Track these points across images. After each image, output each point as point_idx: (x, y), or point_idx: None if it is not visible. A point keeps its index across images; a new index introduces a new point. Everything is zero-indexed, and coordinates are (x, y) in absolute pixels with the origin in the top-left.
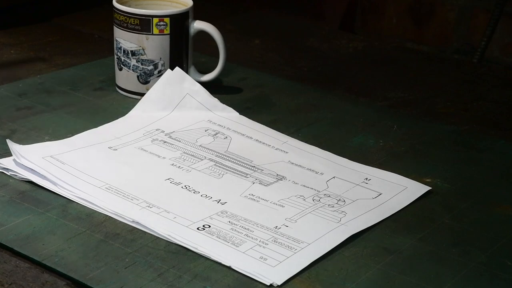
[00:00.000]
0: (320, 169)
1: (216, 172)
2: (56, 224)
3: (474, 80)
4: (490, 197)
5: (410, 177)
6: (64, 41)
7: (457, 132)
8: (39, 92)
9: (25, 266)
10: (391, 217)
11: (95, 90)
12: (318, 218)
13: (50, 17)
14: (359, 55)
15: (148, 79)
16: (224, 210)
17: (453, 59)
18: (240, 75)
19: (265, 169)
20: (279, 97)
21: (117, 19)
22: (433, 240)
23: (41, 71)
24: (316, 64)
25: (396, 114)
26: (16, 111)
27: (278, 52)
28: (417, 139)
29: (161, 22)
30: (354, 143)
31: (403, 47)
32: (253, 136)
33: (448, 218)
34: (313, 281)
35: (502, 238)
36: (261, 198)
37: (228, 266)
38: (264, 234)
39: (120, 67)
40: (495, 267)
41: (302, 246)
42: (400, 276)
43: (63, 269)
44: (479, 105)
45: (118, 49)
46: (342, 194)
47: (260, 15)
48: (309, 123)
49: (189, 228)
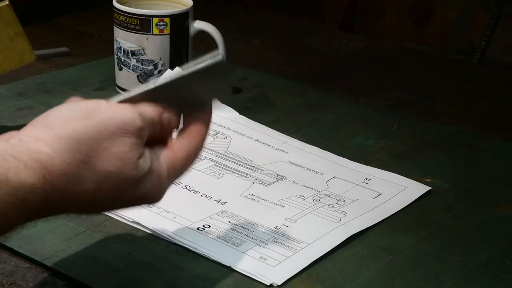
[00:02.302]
0: (320, 169)
1: (216, 172)
2: (56, 224)
3: (474, 80)
4: (490, 197)
5: (410, 177)
6: (64, 41)
7: (457, 132)
8: (39, 92)
9: (25, 266)
10: (391, 217)
11: (95, 90)
12: (318, 218)
13: (50, 17)
14: (359, 55)
15: (148, 79)
16: (224, 210)
17: (453, 59)
18: (240, 75)
19: (265, 169)
20: (279, 97)
21: (117, 19)
22: (433, 240)
23: (41, 71)
24: (316, 64)
25: (396, 114)
26: (16, 111)
27: (278, 52)
28: (417, 139)
29: (161, 22)
30: (354, 143)
31: (403, 47)
32: (253, 136)
33: (448, 218)
34: (313, 281)
35: (502, 238)
36: (261, 198)
37: (228, 266)
38: (264, 234)
39: (120, 67)
40: (495, 267)
41: (302, 246)
42: (400, 276)
43: (63, 269)
44: (479, 105)
45: (118, 49)
46: (342, 194)
47: (260, 15)
48: (309, 123)
49: (189, 228)
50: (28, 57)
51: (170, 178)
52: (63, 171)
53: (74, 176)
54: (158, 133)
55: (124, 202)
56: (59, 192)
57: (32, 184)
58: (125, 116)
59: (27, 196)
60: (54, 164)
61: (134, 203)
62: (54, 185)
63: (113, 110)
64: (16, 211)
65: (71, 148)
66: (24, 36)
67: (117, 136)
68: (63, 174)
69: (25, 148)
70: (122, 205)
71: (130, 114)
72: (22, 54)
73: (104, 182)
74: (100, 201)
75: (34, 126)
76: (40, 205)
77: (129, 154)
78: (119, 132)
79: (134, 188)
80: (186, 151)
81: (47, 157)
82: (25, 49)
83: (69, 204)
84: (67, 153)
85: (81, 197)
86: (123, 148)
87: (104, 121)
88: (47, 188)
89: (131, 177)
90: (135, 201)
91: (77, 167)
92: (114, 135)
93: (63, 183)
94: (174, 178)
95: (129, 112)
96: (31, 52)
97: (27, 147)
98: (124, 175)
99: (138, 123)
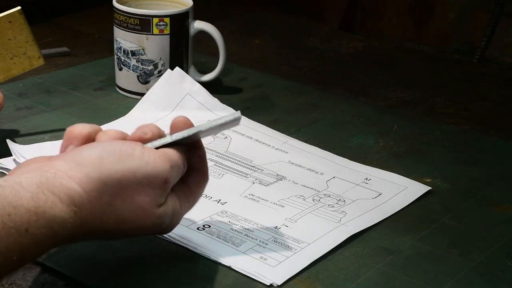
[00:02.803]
0: (320, 169)
1: (216, 172)
2: None
3: (474, 80)
4: (490, 197)
5: (410, 177)
6: (64, 41)
7: (457, 132)
8: (39, 92)
9: (25, 266)
10: (391, 217)
11: (95, 90)
12: (318, 218)
13: (50, 17)
14: (359, 55)
15: (148, 79)
16: (224, 210)
17: (453, 59)
18: (240, 75)
19: (265, 169)
20: (279, 97)
21: (117, 19)
22: (433, 240)
23: (41, 71)
24: (316, 64)
25: (396, 114)
26: (16, 111)
27: (278, 52)
28: (417, 139)
29: (161, 22)
30: (354, 143)
31: (403, 47)
32: (253, 136)
33: (448, 218)
34: (313, 281)
35: (502, 238)
36: (261, 198)
37: (228, 266)
38: (264, 234)
39: (120, 67)
40: (495, 267)
41: (302, 246)
42: (400, 276)
43: (63, 269)
44: (479, 105)
45: (118, 49)
46: (342, 194)
47: (260, 15)
48: (309, 123)
49: (189, 228)
50: (37, 62)
51: (184, 211)
52: (90, 210)
53: (100, 215)
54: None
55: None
56: (86, 226)
57: (64, 219)
58: (155, 169)
59: (59, 229)
60: (84, 203)
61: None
62: (82, 220)
63: (145, 160)
64: (48, 241)
65: (99, 189)
66: (35, 41)
67: (142, 186)
68: (90, 212)
69: (59, 183)
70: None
71: (161, 167)
72: (32, 59)
73: (123, 224)
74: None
75: (65, 162)
76: (69, 236)
77: (150, 205)
78: (145, 182)
79: (152, 231)
80: (200, 187)
81: (78, 195)
82: (35, 54)
83: (92, 236)
84: (96, 193)
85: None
86: (146, 198)
87: (135, 169)
88: (76, 223)
89: (150, 224)
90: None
91: (102, 208)
92: (139, 184)
93: (90, 219)
94: (187, 211)
95: (160, 165)
96: (40, 57)
97: (61, 183)
98: (143, 222)
99: (167, 176)
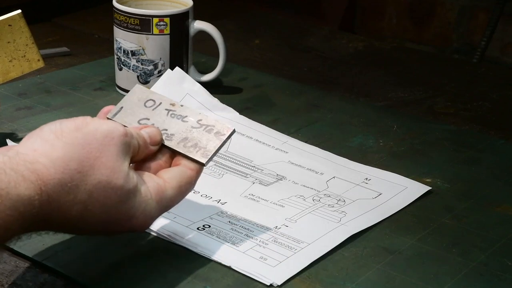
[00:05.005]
0: (320, 169)
1: (216, 172)
2: None
3: (474, 80)
4: (490, 197)
5: (410, 177)
6: (64, 41)
7: (457, 132)
8: (39, 92)
9: (24, 266)
10: (391, 217)
11: (95, 90)
12: (318, 218)
13: (50, 17)
14: (359, 55)
15: (148, 79)
16: (224, 210)
17: (453, 59)
18: (240, 75)
19: (265, 169)
20: (279, 97)
21: (117, 19)
22: (433, 240)
23: (41, 71)
24: (316, 64)
25: (396, 114)
26: (16, 111)
27: (278, 52)
28: (417, 139)
29: (161, 22)
30: (354, 143)
31: (403, 47)
32: (253, 136)
33: (448, 218)
34: (313, 281)
35: (502, 238)
36: (261, 198)
37: (228, 266)
38: (264, 234)
39: (120, 67)
40: (495, 267)
41: (302, 246)
42: (400, 276)
43: (63, 269)
44: (479, 105)
45: (118, 49)
46: (342, 194)
47: (260, 15)
48: (309, 123)
49: (189, 228)
50: (36, 65)
51: (160, 206)
52: (58, 181)
53: (68, 185)
54: (142, 148)
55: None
56: (54, 202)
57: (30, 197)
58: (110, 126)
59: (26, 209)
60: (50, 174)
61: (123, 224)
62: (49, 196)
63: (100, 122)
64: (15, 223)
65: (65, 157)
66: (34, 44)
67: (105, 146)
68: (58, 183)
69: (22, 160)
70: (110, 225)
71: (114, 124)
72: (31, 62)
73: (94, 192)
74: (90, 217)
75: (29, 138)
76: (36, 217)
77: (117, 163)
78: (106, 140)
79: (122, 202)
80: (178, 181)
81: (43, 167)
82: (34, 57)
83: (61, 217)
84: (62, 161)
85: (73, 209)
86: (111, 157)
87: (92, 131)
88: (43, 199)
89: (119, 187)
90: (124, 221)
91: (71, 176)
92: (102, 145)
93: (57, 193)
94: (165, 207)
95: (113, 123)
96: (39, 60)
97: (24, 159)
98: (113, 184)
99: (121, 129)
